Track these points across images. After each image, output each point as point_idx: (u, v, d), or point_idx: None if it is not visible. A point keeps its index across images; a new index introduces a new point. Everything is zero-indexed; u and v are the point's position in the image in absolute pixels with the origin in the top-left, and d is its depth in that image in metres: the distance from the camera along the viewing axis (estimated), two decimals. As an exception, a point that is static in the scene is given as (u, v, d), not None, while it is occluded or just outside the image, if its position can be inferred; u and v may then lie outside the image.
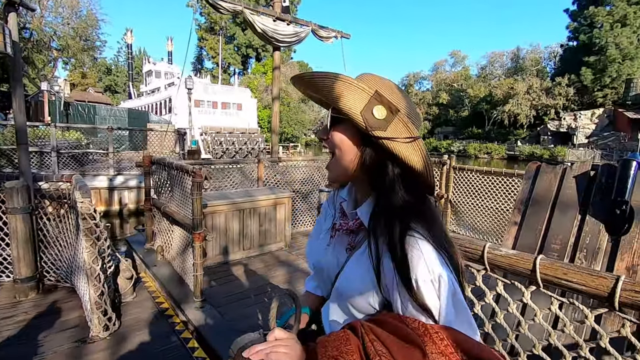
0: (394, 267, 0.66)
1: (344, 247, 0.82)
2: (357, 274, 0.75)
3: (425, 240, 0.67)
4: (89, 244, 2.56)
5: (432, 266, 0.64)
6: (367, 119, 0.68)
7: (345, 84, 0.68)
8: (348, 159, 0.75)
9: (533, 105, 39.29)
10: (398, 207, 0.70)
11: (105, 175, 9.28)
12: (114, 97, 56.28)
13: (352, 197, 0.86)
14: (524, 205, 2.47)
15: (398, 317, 0.65)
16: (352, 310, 0.76)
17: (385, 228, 0.70)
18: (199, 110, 27.41)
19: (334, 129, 0.75)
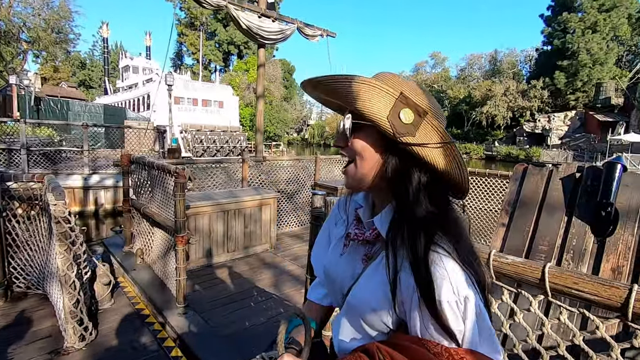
0: (415, 285, 0.61)
1: (359, 257, 0.76)
2: (371, 287, 0.69)
3: (451, 258, 0.61)
4: (63, 249, 2.40)
5: (457, 287, 0.59)
6: (395, 124, 0.61)
7: (368, 86, 0.61)
8: (370, 167, 0.68)
9: (510, 107, 40.46)
10: (422, 218, 0.64)
11: (80, 174, 8.87)
12: (89, 93, 54.18)
13: (369, 204, 0.79)
14: (512, 207, 2.48)
15: (418, 341, 0.60)
16: (364, 326, 0.70)
17: (406, 241, 0.63)
18: (178, 107, 26.78)
19: (355, 136, 0.68)
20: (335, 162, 6.64)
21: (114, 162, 4.30)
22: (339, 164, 6.69)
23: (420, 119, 0.63)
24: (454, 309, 0.59)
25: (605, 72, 34.44)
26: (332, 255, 0.84)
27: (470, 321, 0.59)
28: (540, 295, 0.98)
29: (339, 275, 0.79)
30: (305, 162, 6.07)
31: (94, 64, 62.63)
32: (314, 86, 0.71)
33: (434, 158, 0.63)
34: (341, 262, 0.79)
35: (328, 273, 0.84)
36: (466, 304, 0.59)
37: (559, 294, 0.93)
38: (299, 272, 3.93)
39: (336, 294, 0.83)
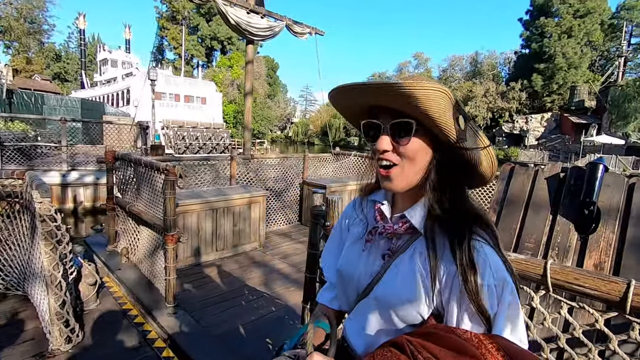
0: (456, 270, 0.65)
1: (379, 253, 0.78)
2: (403, 279, 0.71)
3: (488, 245, 0.67)
4: (49, 249, 2.32)
5: (496, 271, 0.65)
6: (457, 130, 0.66)
7: (438, 92, 0.62)
8: (418, 169, 0.71)
9: (490, 107, 41.50)
10: (463, 211, 0.71)
11: (58, 170, 8.55)
12: (64, 86, 52.12)
13: (390, 200, 0.83)
14: (499, 206, 2.56)
15: (447, 328, 0.62)
16: (394, 319, 0.72)
17: (447, 232, 0.69)
18: (160, 103, 26.14)
19: (408, 139, 0.69)
20: (322, 160, 6.65)
21: (98, 158, 4.16)
22: (326, 161, 6.71)
23: (466, 124, 0.68)
24: (492, 291, 0.63)
25: (579, 75, 35.83)
26: (350, 255, 0.85)
27: (505, 304, 0.63)
28: (542, 291, 1.02)
29: (357, 274, 0.81)
30: (294, 160, 6.05)
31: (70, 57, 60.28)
32: (366, 89, 0.68)
33: (481, 161, 0.69)
34: (361, 260, 0.81)
35: (343, 274, 0.85)
36: (504, 287, 0.64)
37: (559, 289, 0.97)
38: (288, 271, 3.93)
39: (349, 295, 0.84)
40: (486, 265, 0.64)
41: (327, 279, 0.98)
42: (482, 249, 0.66)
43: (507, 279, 0.65)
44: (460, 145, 0.67)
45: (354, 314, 0.82)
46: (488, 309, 0.63)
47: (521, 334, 0.65)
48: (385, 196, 0.83)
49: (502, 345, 0.58)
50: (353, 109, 0.78)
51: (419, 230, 0.73)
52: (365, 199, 0.88)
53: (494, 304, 0.63)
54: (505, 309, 0.64)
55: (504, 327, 0.63)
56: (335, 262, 0.91)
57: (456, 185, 0.73)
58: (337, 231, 0.96)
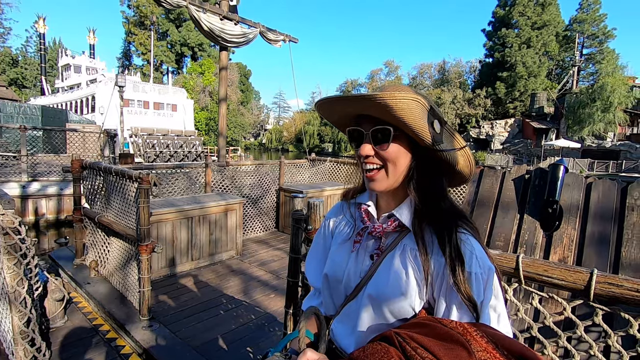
0: (447, 263, 0.69)
1: (368, 253, 0.81)
2: (396, 275, 0.74)
3: (473, 237, 0.72)
4: (12, 264, 2.18)
5: (482, 261, 0.69)
6: (432, 134, 0.70)
7: (413, 101, 0.67)
8: (400, 171, 0.76)
9: (457, 114, 43.16)
10: (445, 209, 0.75)
11: (17, 181, 8.05)
12: (22, 93, 49.26)
13: (374, 202, 0.86)
14: (471, 207, 2.68)
15: (433, 319, 0.65)
16: (387, 315, 0.75)
17: (435, 228, 0.73)
18: (128, 110, 25.25)
19: (393, 145, 0.75)
20: (299, 166, 6.66)
21: (63, 167, 3.96)
22: (302, 168, 6.72)
23: (442, 127, 0.73)
24: (479, 279, 0.68)
25: (538, 83, 38.07)
26: (337, 258, 0.87)
27: (491, 292, 0.68)
28: (515, 284, 1.08)
29: (345, 275, 0.83)
30: (269, 166, 6.03)
31: (28, 62, 57.10)
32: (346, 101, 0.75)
33: (457, 160, 0.75)
34: (350, 261, 0.83)
35: (330, 277, 0.87)
36: (489, 275, 0.69)
37: (530, 280, 1.04)
38: (267, 278, 3.89)
39: (336, 298, 0.87)
40: (472, 255, 0.69)
41: (312, 285, 1.00)
42: (468, 240, 0.71)
43: (491, 267, 0.71)
44: (436, 148, 0.72)
45: (343, 315, 0.84)
46: (474, 295, 0.67)
47: (507, 323, 0.70)
48: (369, 198, 0.87)
49: (486, 332, 0.62)
50: (339, 117, 0.83)
51: (406, 228, 0.78)
52: (350, 202, 0.91)
53: (481, 292, 0.68)
54: (491, 296, 0.69)
55: (490, 315, 0.68)
56: (320, 267, 0.93)
57: (438, 184, 0.78)
58: (320, 237, 0.98)
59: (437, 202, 0.76)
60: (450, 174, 0.80)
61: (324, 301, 0.92)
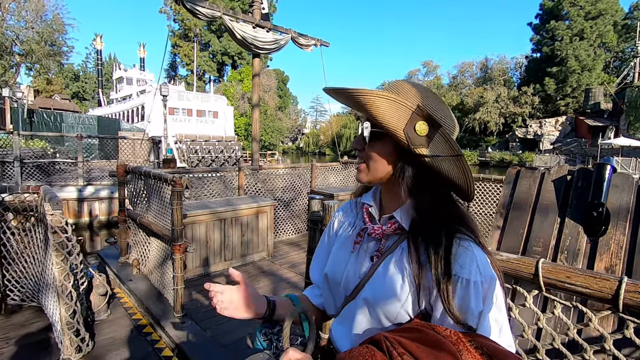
0: (441, 268, 0.66)
1: (368, 254, 0.79)
2: (392, 280, 0.72)
3: (475, 243, 0.68)
4: (60, 260, 2.39)
5: (484, 268, 0.65)
6: (410, 136, 0.67)
7: (386, 100, 0.66)
8: (382, 169, 0.75)
9: (502, 113, 41.03)
10: (442, 213, 0.71)
11: (74, 185, 8.82)
12: (82, 105, 54.01)
13: (377, 202, 0.84)
14: (506, 210, 2.53)
15: (427, 325, 0.62)
16: (382, 319, 0.72)
17: (432, 231, 0.69)
18: (173, 118, 26.76)
19: (372, 142, 0.74)
20: (331, 169, 6.68)
21: (110, 172, 4.29)
22: (334, 171, 6.73)
23: (434, 131, 0.69)
24: (478, 288, 0.64)
25: (593, 77, 35.19)
26: (337, 258, 0.86)
27: (491, 303, 0.64)
28: (535, 291, 1.01)
29: (344, 276, 0.82)
30: (301, 169, 6.10)
31: (88, 76, 62.63)
32: (336, 93, 0.76)
33: (444, 169, 0.69)
34: (349, 262, 0.82)
35: (332, 277, 0.86)
36: (490, 284, 0.64)
37: (553, 288, 0.96)
38: (296, 280, 3.92)
39: (337, 298, 0.86)
40: (473, 263, 0.65)
41: (314, 283, 1.00)
42: (470, 247, 0.67)
43: (493, 276, 0.66)
44: (414, 151, 0.68)
45: (342, 316, 0.82)
46: (472, 305, 0.64)
47: (509, 336, 0.65)
48: (373, 198, 0.85)
49: (481, 343, 0.58)
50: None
51: (407, 231, 0.74)
52: (356, 201, 0.90)
53: (480, 302, 0.64)
54: (492, 306, 0.64)
55: (490, 327, 0.64)
56: (322, 266, 0.92)
57: (433, 189, 0.73)
58: (326, 235, 0.98)
59: (430, 206, 0.72)
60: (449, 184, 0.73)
61: (325, 300, 0.91)
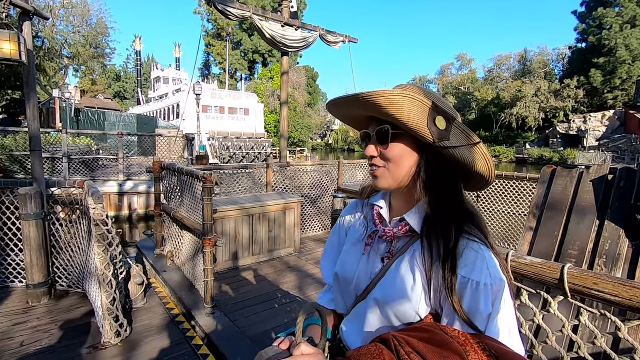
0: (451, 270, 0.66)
1: (379, 256, 0.80)
2: (403, 281, 0.73)
3: (485, 246, 0.68)
4: (101, 250, 2.57)
5: (494, 272, 0.65)
6: (433, 131, 0.68)
7: (407, 98, 0.66)
8: (404, 171, 0.75)
9: (542, 107, 38.91)
10: (456, 212, 0.72)
11: (115, 180, 9.37)
12: (123, 104, 57.05)
13: (387, 204, 0.85)
14: (540, 210, 2.42)
15: (435, 326, 0.63)
16: (393, 319, 0.74)
17: (443, 233, 0.70)
18: (206, 115, 27.65)
19: (392, 145, 0.74)
20: (358, 166, 6.66)
21: (147, 169, 4.53)
22: (362, 168, 6.71)
23: (450, 124, 0.70)
24: (488, 291, 0.64)
25: (646, 68, 32.50)
26: (348, 258, 0.87)
27: (500, 305, 0.64)
28: (561, 297, 0.97)
29: (355, 277, 0.83)
30: (329, 167, 6.13)
31: (128, 76, 65.97)
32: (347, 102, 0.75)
33: (467, 158, 0.71)
34: (361, 263, 0.83)
35: (342, 277, 0.88)
36: (500, 288, 0.64)
37: (578, 294, 0.92)
38: (322, 276, 3.96)
39: (347, 298, 0.87)
40: (484, 265, 0.65)
41: (325, 282, 1.02)
42: (480, 250, 0.67)
43: (503, 279, 0.66)
44: (441, 145, 0.69)
45: (352, 315, 0.84)
46: (481, 308, 0.64)
47: (517, 339, 0.65)
48: (383, 199, 0.85)
49: (489, 345, 0.58)
50: (353, 120, 0.84)
51: (417, 233, 0.75)
52: (365, 202, 0.90)
53: (489, 304, 0.64)
54: (501, 310, 0.64)
55: (499, 329, 0.63)
56: (332, 265, 0.94)
57: (449, 185, 0.74)
58: (336, 234, 0.99)
59: (445, 204, 0.72)
60: (466, 176, 0.75)
61: (336, 299, 0.93)
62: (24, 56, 2.99)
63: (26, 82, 3.24)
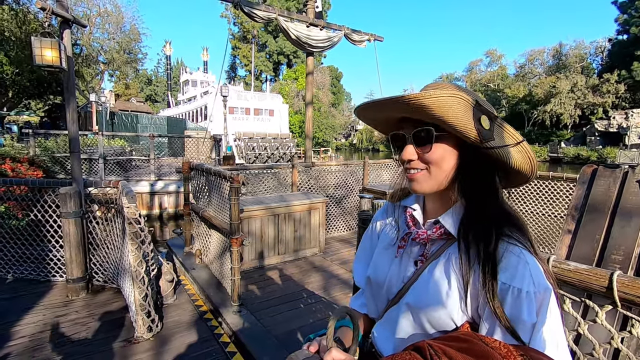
0: (491, 276, 0.63)
1: (412, 259, 0.78)
2: (437, 285, 0.70)
3: (528, 251, 0.65)
4: (135, 248, 2.66)
5: (537, 278, 0.62)
6: (480, 131, 0.65)
7: (456, 98, 0.63)
8: (445, 173, 0.71)
9: (578, 104, 36.98)
10: (495, 214, 0.69)
11: (147, 180, 9.74)
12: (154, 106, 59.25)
13: (421, 206, 0.82)
14: (579, 212, 2.29)
15: (474, 335, 0.59)
16: (426, 325, 0.71)
17: (481, 236, 0.67)
18: (232, 117, 28.23)
19: (435, 147, 0.70)
20: (383, 166, 6.57)
21: (177, 169, 4.67)
22: (387, 168, 6.61)
23: (493, 123, 0.68)
24: (532, 299, 0.60)
25: (697, 60, 30.17)
26: (380, 261, 0.85)
27: (545, 315, 0.60)
28: (609, 306, 0.90)
29: (387, 280, 0.81)
30: (353, 167, 6.09)
31: (159, 80, 68.48)
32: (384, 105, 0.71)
33: (513, 157, 0.68)
34: (393, 266, 0.81)
35: (373, 281, 0.86)
36: (545, 295, 0.61)
37: (630, 304, 0.86)
38: (347, 276, 3.94)
39: (379, 302, 0.85)
40: (526, 271, 0.62)
41: (358, 285, 1.00)
42: (521, 255, 0.64)
43: (548, 287, 0.62)
44: (486, 145, 0.66)
45: (384, 320, 0.82)
46: (524, 317, 0.60)
47: (566, 353, 0.61)
48: (416, 201, 0.83)
49: (534, 359, 0.54)
50: (381, 122, 0.81)
51: (453, 236, 0.72)
52: (396, 204, 0.88)
53: (533, 313, 0.60)
54: (546, 320, 0.60)
55: (545, 341, 0.59)
56: (364, 269, 0.92)
57: (488, 186, 0.71)
58: (367, 238, 0.97)
59: (484, 206, 0.69)
60: (507, 173, 0.72)
61: (367, 303, 0.91)
62: (64, 62, 3.15)
63: (66, 87, 3.41)
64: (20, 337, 2.71)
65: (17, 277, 3.71)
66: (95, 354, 2.53)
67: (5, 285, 3.57)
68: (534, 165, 0.71)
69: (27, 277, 3.70)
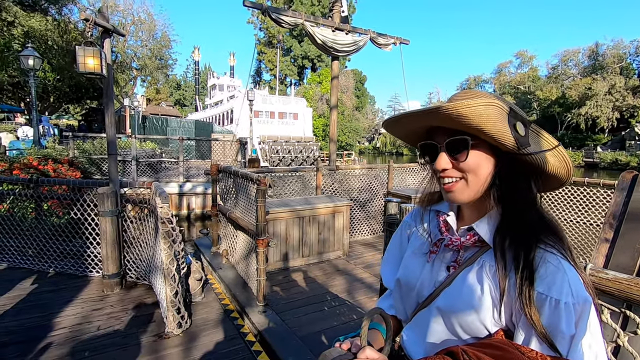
0: (527, 285, 0.63)
1: (444, 264, 0.78)
2: (470, 291, 0.71)
3: (566, 260, 0.64)
4: (167, 246, 2.78)
5: (576, 289, 0.61)
6: (517, 138, 0.65)
7: (493, 107, 0.62)
8: (482, 180, 0.71)
9: (616, 106, 35.09)
10: (534, 221, 0.68)
11: (176, 182, 10.08)
12: (183, 110, 61.28)
13: (455, 212, 0.82)
14: (617, 221, 2.18)
15: (510, 344, 0.59)
16: (458, 330, 0.71)
17: (519, 244, 0.67)
18: (257, 120, 28.77)
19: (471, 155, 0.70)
20: (408, 170, 6.50)
21: (205, 171, 4.82)
22: (412, 172, 6.54)
23: (527, 129, 0.68)
24: (570, 310, 0.59)
25: None
26: (411, 265, 0.86)
27: (584, 327, 0.59)
28: (651, 317, 0.87)
29: (418, 284, 0.82)
30: (378, 170, 6.06)
31: (187, 85, 70.83)
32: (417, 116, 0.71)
33: (550, 163, 0.68)
34: (424, 271, 0.81)
35: (403, 283, 0.86)
36: (584, 307, 0.60)
37: (675, 316, 0.82)
38: (371, 280, 3.92)
39: (407, 304, 0.86)
40: (564, 281, 0.61)
41: (386, 286, 1.00)
42: (560, 264, 0.63)
43: (588, 298, 0.61)
44: (523, 152, 0.66)
45: (414, 323, 0.83)
46: (562, 328, 0.59)
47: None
48: (450, 207, 0.83)
49: None
50: (408, 133, 0.81)
51: (487, 244, 0.72)
52: (427, 209, 0.88)
53: (572, 325, 0.59)
54: (585, 332, 0.59)
55: (583, 354, 0.59)
56: (394, 271, 0.93)
57: (526, 193, 0.71)
58: (397, 240, 0.98)
59: (521, 213, 0.69)
60: (543, 178, 0.72)
61: (396, 305, 0.92)
62: (104, 70, 3.34)
63: (105, 93, 3.61)
64: (61, 328, 2.87)
65: (58, 272, 3.94)
66: (129, 346, 2.65)
67: (47, 279, 3.80)
68: (571, 169, 0.70)
69: (66, 271, 3.93)
